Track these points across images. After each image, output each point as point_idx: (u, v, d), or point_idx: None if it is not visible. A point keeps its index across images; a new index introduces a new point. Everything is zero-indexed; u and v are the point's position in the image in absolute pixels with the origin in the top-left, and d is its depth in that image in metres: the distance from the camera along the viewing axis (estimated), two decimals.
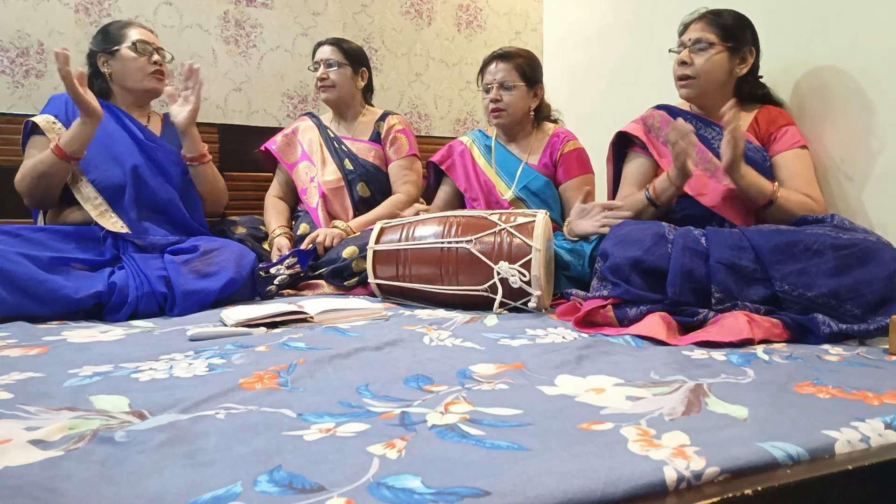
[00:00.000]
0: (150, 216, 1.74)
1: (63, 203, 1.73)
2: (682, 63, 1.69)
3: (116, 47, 1.80)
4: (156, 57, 1.83)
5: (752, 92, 1.75)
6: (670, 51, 1.75)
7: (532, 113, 2.00)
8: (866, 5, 1.61)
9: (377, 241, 1.65)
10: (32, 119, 1.73)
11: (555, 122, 2.08)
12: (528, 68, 1.94)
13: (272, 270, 1.76)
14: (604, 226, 1.60)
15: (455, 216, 1.63)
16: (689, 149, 1.50)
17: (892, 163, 1.58)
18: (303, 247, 1.88)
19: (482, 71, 1.99)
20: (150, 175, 1.76)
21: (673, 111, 1.79)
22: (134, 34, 1.81)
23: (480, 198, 1.99)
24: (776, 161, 1.67)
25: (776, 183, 1.59)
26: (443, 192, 2.11)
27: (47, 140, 1.70)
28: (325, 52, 2.13)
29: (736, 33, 1.67)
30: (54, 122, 1.73)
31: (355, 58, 2.15)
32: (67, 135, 1.62)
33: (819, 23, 1.73)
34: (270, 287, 1.72)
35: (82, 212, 1.69)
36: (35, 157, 1.65)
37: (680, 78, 1.70)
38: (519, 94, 1.93)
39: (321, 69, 2.11)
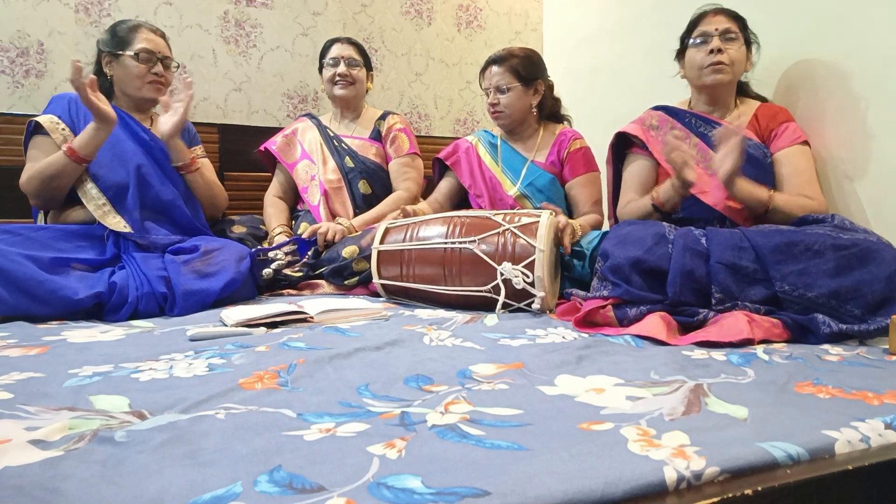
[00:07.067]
0: (152, 216, 1.74)
1: (65, 202, 1.73)
2: (717, 51, 1.66)
3: (121, 52, 1.79)
4: (157, 67, 1.82)
5: (749, 89, 1.79)
6: (689, 44, 1.73)
7: (535, 110, 2.00)
8: (866, 4, 1.61)
9: (382, 242, 1.65)
10: (36, 119, 1.72)
11: (563, 122, 2.08)
12: (522, 67, 1.94)
13: (270, 255, 1.76)
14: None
15: (459, 216, 1.62)
16: (685, 157, 1.49)
17: (892, 162, 1.58)
18: (304, 237, 1.88)
19: (481, 75, 2.02)
20: (154, 176, 1.76)
21: (672, 111, 1.79)
22: (140, 41, 1.80)
23: (485, 194, 1.99)
24: (777, 158, 1.67)
25: (771, 190, 1.57)
26: (443, 185, 2.12)
27: (50, 140, 1.70)
28: (348, 50, 2.15)
29: (748, 29, 1.71)
30: (58, 123, 1.73)
31: (368, 60, 2.22)
32: (82, 139, 1.63)
33: (818, 21, 1.73)
34: (267, 270, 1.71)
35: (84, 211, 1.69)
36: (43, 160, 1.65)
37: (714, 64, 1.68)
38: (515, 95, 1.94)
39: (342, 66, 2.12)
